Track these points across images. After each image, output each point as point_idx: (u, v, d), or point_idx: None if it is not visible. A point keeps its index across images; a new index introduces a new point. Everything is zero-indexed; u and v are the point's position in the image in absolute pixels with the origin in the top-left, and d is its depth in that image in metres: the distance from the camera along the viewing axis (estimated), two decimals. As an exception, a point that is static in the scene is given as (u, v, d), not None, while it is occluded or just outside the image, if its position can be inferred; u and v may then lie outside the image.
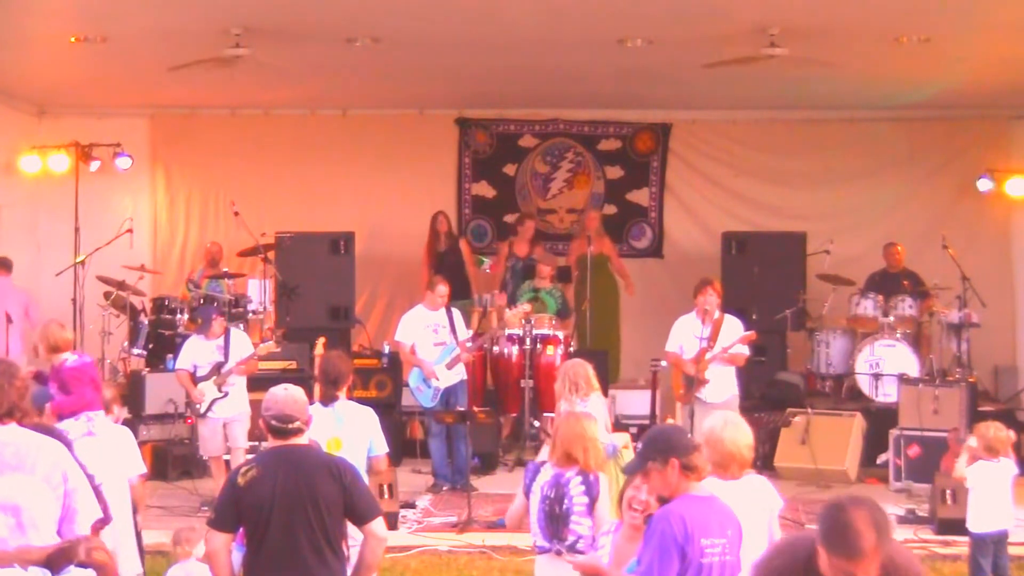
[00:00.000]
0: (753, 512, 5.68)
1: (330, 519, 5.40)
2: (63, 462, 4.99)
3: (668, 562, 4.77)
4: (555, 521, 6.31)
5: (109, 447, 7.47)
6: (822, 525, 3.77)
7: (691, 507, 4.86)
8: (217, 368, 10.89)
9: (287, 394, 5.60)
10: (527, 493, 6.49)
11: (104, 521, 5.41)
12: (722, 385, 10.77)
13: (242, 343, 11.16)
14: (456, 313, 12.08)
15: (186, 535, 7.33)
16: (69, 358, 8.77)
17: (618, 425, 11.94)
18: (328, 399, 7.50)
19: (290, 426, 5.50)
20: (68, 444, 5.59)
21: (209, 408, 10.87)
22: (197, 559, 7.11)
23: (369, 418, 7.54)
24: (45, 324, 9.34)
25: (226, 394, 10.86)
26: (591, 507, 6.32)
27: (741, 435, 5.83)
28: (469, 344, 11.98)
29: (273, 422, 5.52)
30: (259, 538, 5.41)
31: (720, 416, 6.01)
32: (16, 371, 5.09)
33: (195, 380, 10.93)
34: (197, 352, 11.03)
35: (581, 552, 6.17)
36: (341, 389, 7.56)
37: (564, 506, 6.29)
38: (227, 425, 10.87)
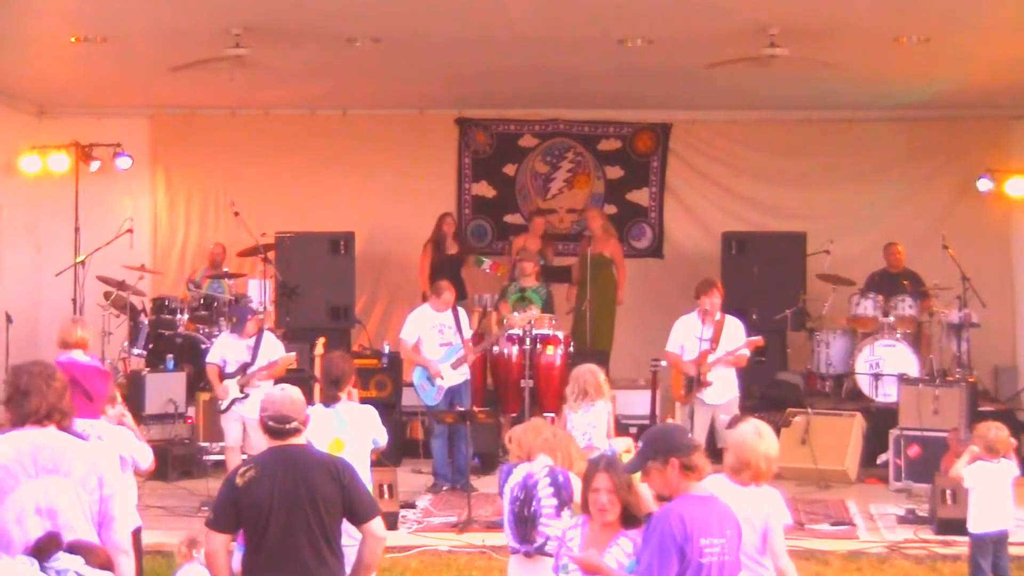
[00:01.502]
0: (751, 520, 5.70)
1: (329, 519, 5.40)
2: (100, 466, 4.97)
3: (667, 562, 4.77)
4: (524, 523, 6.27)
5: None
6: None
7: (691, 507, 4.87)
8: (243, 368, 10.92)
9: (284, 394, 5.61)
10: (501, 495, 6.49)
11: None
12: (724, 387, 10.78)
13: (272, 346, 11.18)
14: (462, 313, 12.11)
15: (195, 537, 7.31)
16: (73, 356, 8.71)
17: (619, 427, 11.95)
18: (330, 400, 7.51)
19: (287, 426, 5.50)
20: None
21: (230, 406, 10.89)
22: (201, 563, 7.12)
23: (370, 416, 7.56)
24: (64, 320, 9.36)
25: (247, 395, 10.85)
26: (560, 509, 6.27)
27: (764, 446, 5.85)
28: (472, 345, 12.01)
29: (270, 423, 5.53)
30: (258, 538, 5.41)
31: (753, 424, 6.04)
32: (54, 372, 5.06)
33: (223, 376, 10.97)
34: (228, 349, 11.10)
35: (549, 554, 6.17)
36: (343, 389, 7.56)
37: (532, 508, 6.25)
38: (247, 426, 10.84)
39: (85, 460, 4.94)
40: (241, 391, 10.90)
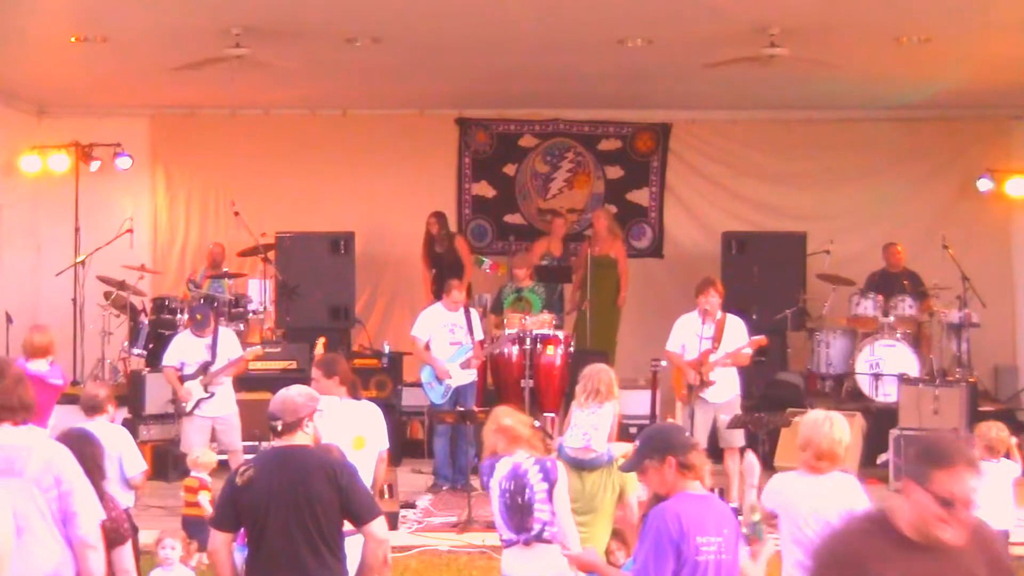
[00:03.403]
0: (831, 509, 5.83)
1: (326, 520, 5.40)
2: (56, 464, 4.95)
3: (663, 560, 4.79)
4: (518, 512, 6.30)
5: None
6: (918, 451, 3.94)
7: (687, 505, 4.88)
8: (204, 368, 10.87)
9: (280, 394, 5.66)
10: (487, 490, 6.50)
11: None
12: (725, 386, 10.77)
13: (230, 343, 11.13)
14: (474, 314, 12.11)
15: (170, 541, 7.31)
16: (28, 364, 8.70)
17: (620, 427, 11.93)
18: (357, 395, 7.59)
19: (271, 423, 5.54)
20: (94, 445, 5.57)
21: (196, 407, 10.86)
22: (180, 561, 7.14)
23: (379, 415, 7.66)
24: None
25: (212, 394, 10.84)
26: (551, 492, 6.31)
27: (839, 432, 6.04)
28: (483, 346, 12.05)
29: (269, 421, 5.57)
30: (257, 538, 5.44)
31: (822, 412, 6.23)
32: (3, 370, 5.06)
33: (181, 378, 10.93)
34: (186, 349, 11.00)
35: (548, 541, 6.19)
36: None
37: (526, 496, 6.29)
38: (216, 425, 10.86)
39: (39, 458, 4.92)
40: (205, 390, 10.86)
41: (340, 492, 5.41)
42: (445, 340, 11.87)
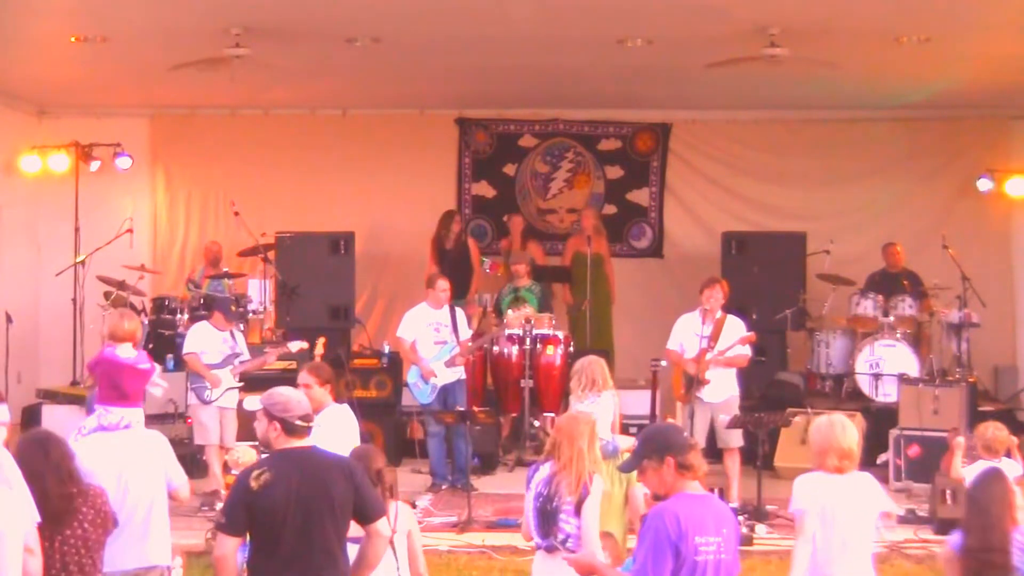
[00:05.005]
0: (864, 506, 6.09)
1: (343, 519, 5.41)
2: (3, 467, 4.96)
3: (662, 560, 4.79)
4: (547, 518, 6.33)
5: (130, 443, 6.90)
6: None
7: (686, 505, 4.88)
8: (232, 358, 11.08)
9: (294, 395, 5.64)
10: (528, 490, 6.52)
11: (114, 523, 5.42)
12: (723, 385, 10.78)
13: (242, 340, 11.47)
14: (459, 312, 12.10)
15: (178, 559, 7.28)
16: (117, 351, 8.90)
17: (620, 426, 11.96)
18: (340, 399, 7.62)
19: (303, 424, 5.50)
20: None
21: (222, 395, 11.01)
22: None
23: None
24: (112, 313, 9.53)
25: (243, 383, 11.08)
26: (578, 507, 6.32)
27: (852, 432, 6.39)
28: (470, 344, 12.01)
29: (298, 422, 5.47)
30: (272, 541, 5.33)
31: (836, 416, 6.52)
32: None
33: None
34: (206, 339, 11.19)
35: (572, 551, 6.19)
36: None
37: (554, 504, 6.31)
38: (223, 417, 10.98)
39: None
40: (236, 379, 11.06)
41: (355, 491, 5.42)
42: (430, 339, 11.84)
